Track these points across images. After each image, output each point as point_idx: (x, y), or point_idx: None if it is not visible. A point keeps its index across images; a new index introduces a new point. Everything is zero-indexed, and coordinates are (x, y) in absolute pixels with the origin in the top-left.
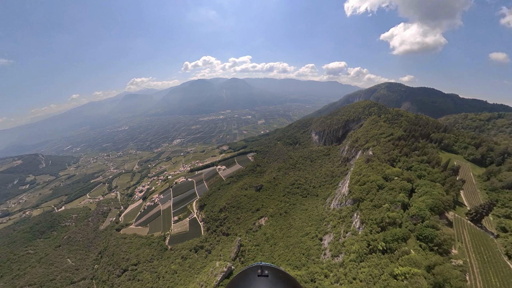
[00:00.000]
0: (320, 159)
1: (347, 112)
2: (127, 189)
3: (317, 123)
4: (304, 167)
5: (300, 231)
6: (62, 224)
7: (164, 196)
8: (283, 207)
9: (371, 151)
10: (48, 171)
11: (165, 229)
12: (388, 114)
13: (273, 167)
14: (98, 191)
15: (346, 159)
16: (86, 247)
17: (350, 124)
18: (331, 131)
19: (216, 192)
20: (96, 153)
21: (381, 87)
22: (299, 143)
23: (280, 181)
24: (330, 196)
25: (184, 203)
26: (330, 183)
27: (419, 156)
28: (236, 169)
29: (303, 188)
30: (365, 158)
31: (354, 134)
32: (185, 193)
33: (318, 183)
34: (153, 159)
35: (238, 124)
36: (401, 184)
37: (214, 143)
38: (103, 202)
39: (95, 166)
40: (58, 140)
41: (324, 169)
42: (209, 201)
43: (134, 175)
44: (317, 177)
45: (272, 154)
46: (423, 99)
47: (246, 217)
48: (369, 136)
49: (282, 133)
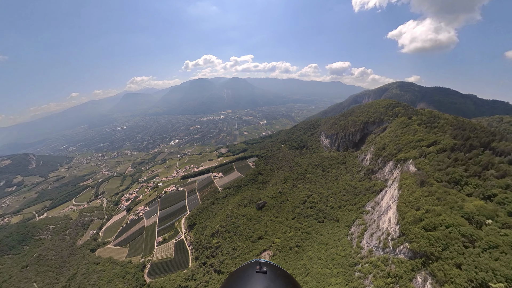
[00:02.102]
0: (334, 168)
1: (364, 112)
2: (115, 195)
3: (328, 125)
4: (316, 177)
5: (320, 282)
6: (36, 237)
7: (150, 209)
8: (294, 236)
9: (414, 164)
10: (38, 172)
11: (147, 253)
12: (421, 116)
13: (278, 176)
14: (84, 196)
15: (371, 171)
16: (58, 267)
17: (369, 127)
18: (346, 134)
19: (209, 208)
20: (91, 153)
21: (392, 86)
22: (307, 147)
23: (288, 197)
24: (358, 226)
25: (171, 219)
26: (353, 203)
27: (499, 179)
28: (234, 178)
29: (318, 209)
30: (417, 179)
31: (379, 140)
32: (174, 206)
33: (337, 202)
34: (147, 161)
35: (239, 125)
36: (507, 239)
37: (213, 144)
38: (85, 211)
39: (87, 168)
40: (55, 138)
41: (342, 182)
42: (200, 219)
43: (125, 179)
44: (335, 194)
45: (276, 160)
46: (440, 99)
47: (245, 248)
48: (402, 143)
49: (286, 135)
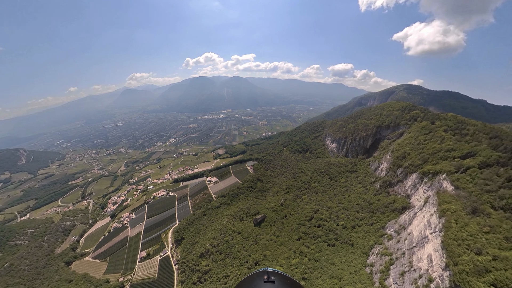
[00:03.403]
0: (343, 176)
1: (376, 115)
2: (103, 196)
3: (334, 128)
4: (323, 187)
5: None
6: (11, 243)
7: (136, 216)
8: (299, 264)
9: (450, 181)
10: (27, 169)
11: (127, 270)
12: (446, 121)
13: (279, 184)
14: (71, 196)
15: (388, 183)
16: (30, 280)
17: (383, 131)
18: (356, 139)
19: (200, 220)
20: (85, 149)
21: (399, 89)
22: (311, 151)
23: (291, 210)
24: (380, 256)
25: (158, 230)
26: (370, 222)
27: None
28: (230, 183)
29: (327, 228)
30: (464, 204)
31: (396, 147)
32: (162, 214)
33: (350, 221)
34: (142, 160)
35: (239, 125)
36: None
37: (211, 144)
38: (69, 214)
39: (79, 165)
40: (51, 133)
41: (354, 195)
42: (189, 233)
43: (116, 179)
44: (346, 209)
45: (277, 165)
46: (451, 103)
47: (239, 276)
48: (428, 153)
49: (288, 137)
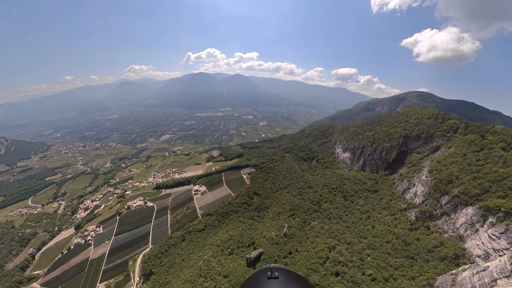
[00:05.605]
0: (361, 196)
1: (401, 123)
2: (78, 198)
3: (347, 134)
4: (336, 210)
5: None
6: None
7: (104, 231)
8: None
9: None
10: (6, 160)
11: None
12: (501, 136)
13: (281, 201)
14: (44, 195)
15: (429, 215)
16: None
17: (411, 143)
18: (377, 150)
19: (178, 247)
20: (73, 141)
21: (410, 95)
22: (317, 160)
23: (297, 245)
24: None
25: (126, 253)
26: (410, 276)
27: None
28: (221, 195)
29: (349, 279)
30: None
31: (435, 165)
32: (135, 231)
33: (381, 268)
34: (130, 156)
35: (237, 124)
36: None
37: (206, 143)
38: (33, 218)
39: (62, 159)
40: (42, 122)
41: (380, 227)
42: (160, 266)
43: (97, 178)
44: (372, 248)
45: (279, 175)
46: (468, 113)
47: None
48: (487, 178)
49: (291, 141)
